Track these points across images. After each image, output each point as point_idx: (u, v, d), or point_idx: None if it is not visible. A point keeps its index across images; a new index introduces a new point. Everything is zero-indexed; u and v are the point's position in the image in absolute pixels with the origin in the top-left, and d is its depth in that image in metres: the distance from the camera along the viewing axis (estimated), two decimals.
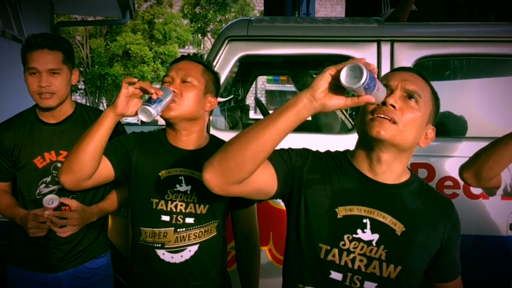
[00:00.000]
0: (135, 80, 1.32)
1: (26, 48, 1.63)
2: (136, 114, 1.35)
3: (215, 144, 1.53)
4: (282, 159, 1.09)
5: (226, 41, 2.08)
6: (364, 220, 1.06)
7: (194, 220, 1.44)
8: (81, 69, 18.90)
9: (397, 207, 1.08)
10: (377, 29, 2.11)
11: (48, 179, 1.69)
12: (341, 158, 1.14)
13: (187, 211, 1.44)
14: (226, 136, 1.67)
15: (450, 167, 2.01)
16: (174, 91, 1.39)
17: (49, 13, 8.30)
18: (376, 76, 0.94)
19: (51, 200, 1.53)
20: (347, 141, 2.06)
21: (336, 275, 1.06)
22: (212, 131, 2.02)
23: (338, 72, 0.91)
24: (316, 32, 2.11)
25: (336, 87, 0.93)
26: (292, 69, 3.19)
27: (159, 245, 1.43)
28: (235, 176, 0.96)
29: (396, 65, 2.03)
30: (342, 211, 1.07)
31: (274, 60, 2.76)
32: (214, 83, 1.52)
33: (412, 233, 1.07)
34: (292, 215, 1.12)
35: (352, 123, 2.51)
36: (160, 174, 1.44)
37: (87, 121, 1.75)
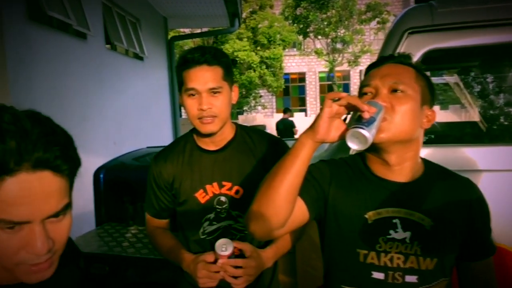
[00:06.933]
0: (343, 94, 0.97)
1: (182, 66, 1.38)
2: (339, 139, 1.01)
3: (433, 172, 1.14)
4: None
5: (406, 34, 1.66)
6: None
7: (417, 279, 1.07)
8: None
9: None
10: None
11: (212, 215, 1.45)
12: None
13: (407, 266, 1.07)
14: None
15: None
16: (384, 106, 1.03)
17: (164, 29, 8.60)
18: None
19: (225, 246, 1.28)
20: None
21: None
22: None
23: None
24: None
25: None
26: (485, 61, 2.61)
27: None
28: None
29: None
30: None
31: (463, 52, 2.24)
32: (429, 91, 1.13)
33: None
34: None
35: None
36: (366, 216, 1.09)
37: (249, 145, 1.48)
